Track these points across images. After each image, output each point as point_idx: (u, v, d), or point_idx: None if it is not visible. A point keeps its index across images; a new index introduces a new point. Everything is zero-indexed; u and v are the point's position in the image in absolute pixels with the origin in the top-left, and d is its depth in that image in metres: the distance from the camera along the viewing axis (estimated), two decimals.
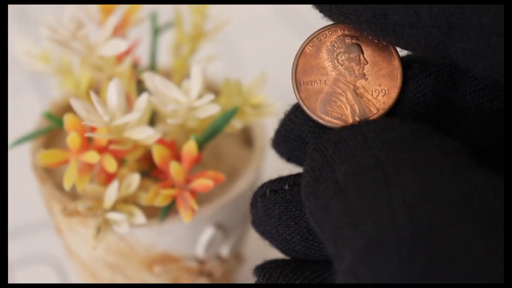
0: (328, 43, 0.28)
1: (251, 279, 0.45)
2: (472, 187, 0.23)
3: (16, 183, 0.50)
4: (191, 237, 0.37)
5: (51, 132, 0.41)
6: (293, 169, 0.30)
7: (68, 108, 0.38)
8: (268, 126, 0.42)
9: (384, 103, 0.28)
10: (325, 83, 0.28)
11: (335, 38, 0.28)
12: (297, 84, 0.29)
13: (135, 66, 0.39)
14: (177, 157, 0.36)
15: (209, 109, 0.35)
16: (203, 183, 0.34)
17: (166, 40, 0.44)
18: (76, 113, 0.33)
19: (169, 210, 0.36)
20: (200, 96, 0.35)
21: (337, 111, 0.28)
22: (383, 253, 0.22)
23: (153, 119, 0.38)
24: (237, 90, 0.38)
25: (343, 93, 0.28)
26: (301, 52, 0.29)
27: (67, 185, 0.34)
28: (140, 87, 0.37)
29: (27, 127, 0.43)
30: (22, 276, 0.46)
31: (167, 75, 0.41)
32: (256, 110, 0.38)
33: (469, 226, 0.22)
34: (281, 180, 0.29)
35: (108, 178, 0.35)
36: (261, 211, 0.29)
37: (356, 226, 0.23)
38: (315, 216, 0.25)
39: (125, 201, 0.36)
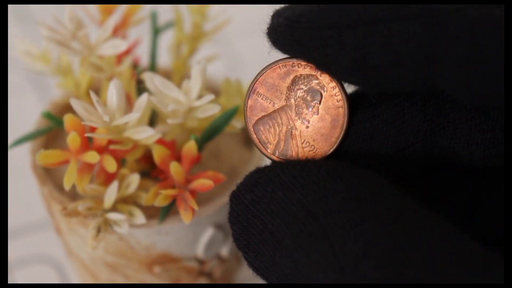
0: (298, 74, 0.28)
1: (251, 279, 0.45)
2: (409, 235, 0.24)
3: (16, 183, 0.50)
4: (191, 237, 0.37)
5: (51, 132, 0.41)
6: None
7: (68, 108, 0.38)
8: None
9: (306, 157, 0.28)
10: (273, 105, 0.29)
11: (306, 73, 0.28)
12: (252, 91, 0.29)
13: (135, 66, 0.39)
14: (177, 157, 0.35)
15: (209, 109, 0.35)
16: (203, 183, 0.34)
17: (166, 40, 0.44)
18: (76, 113, 0.33)
19: (169, 210, 0.36)
20: (200, 96, 0.35)
21: (266, 135, 0.29)
22: None
23: (153, 119, 0.38)
24: (237, 90, 0.38)
25: (281, 124, 0.28)
26: (272, 66, 0.29)
27: (67, 185, 0.34)
28: (140, 87, 0.37)
29: (27, 127, 0.43)
30: (22, 276, 0.46)
31: (167, 75, 0.41)
32: None
33: (410, 275, 0.23)
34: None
35: (108, 178, 0.35)
36: None
37: (308, 283, 0.24)
38: (259, 270, 0.26)
39: (125, 201, 0.36)
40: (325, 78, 0.28)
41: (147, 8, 0.44)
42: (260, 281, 0.45)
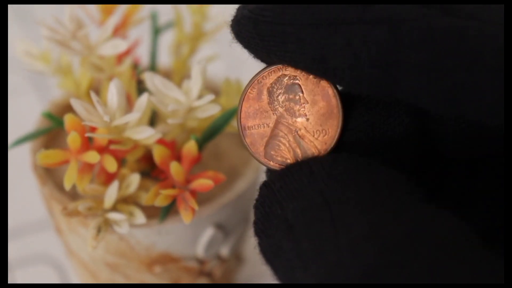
0: (269, 85, 0.28)
1: (251, 279, 0.45)
2: (417, 225, 0.23)
3: (16, 183, 0.50)
4: (191, 237, 0.37)
5: (51, 132, 0.41)
6: None
7: (68, 108, 0.38)
8: None
9: (325, 143, 0.28)
10: (268, 126, 0.28)
11: (275, 79, 0.28)
12: (243, 129, 0.28)
13: (135, 66, 0.39)
14: (177, 157, 0.36)
15: (209, 109, 0.35)
16: (203, 183, 0.34)
17: (166, 40, 0.44)
18: (76, 113, 0.33)
19: (169, 210, 0.36)
20: (200, 96, 0.35)
21: (280, 155, 0.28)
22: None
23: (153, 119, 0.38)
24: (237, 90, 0.38)
25: (285, 136, 0.28)
26: (244, 97, 0.28)
27: (67, 185, 0.34)
28: (140, 87, 0.37)
29: (27, 127, 0.43)
30: (22, 276, 0.46)
31: (167, 75, 0.41)
32: None
33: (413, 265, 0.22)
34: None
35: (108, 178, 0.35)
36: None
37: (306, 268, 0.24)
38: (266, 254, 0.26)
39: (125, 201, 0.36)
40: (291, 69, 0.27)
41: (147, 8, 0.44)
42: (260, 280, 0.45)
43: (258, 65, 0.28)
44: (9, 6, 0.63)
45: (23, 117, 0.50)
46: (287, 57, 0.26)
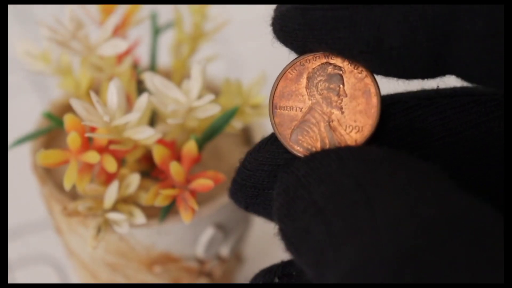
0: (310, 70, 0.27)
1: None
2: (455, 208, 0.23)
3: (16, 183, 0.50)
4: (191, 237, 0.37)
5: (51, 132, 0.41)
6: None
7: (68, 108, 0.38)
8: (268, 126, 0.42)
9: (356, 140, 0.27)
10: (301, 110, 0.28)
11: (318, 65, 0.27)
12: (273, 108, 0.28)
13: (135, 66, 0.39)
14: (177, 157, 0.36)
15: (209, 109, 0.35)
16: (203, 183, 0.34)
17: (166, 40, 0.44)
18: (76, 113, 0.33)
19: (169, 210, 0.36)
20: (200, 96, 0.35)
21: (307, 141, 0.27)
22: (368, 274, 0.22)
23: (153, 119, 0.39)
24: (237, 90, 0.38)
25: (316, 124, 0.27)
26: (282, 76, 0.28)
27: (67, 185, 0.34)
28: (140, 87, 0.37)
29: (27, 127, 0.43)
30: (22, 276, 0.46)
31: (167, 75, 0.41)
32: (256, 110, 0.38)
33: (453, 247, 0.22)
34: (271, 272, 0.27)
35: (108, 178, 0.35)
36: None
37: (338, 248, 0.23)
38: (291, 238, 0.25)
39: (125, 201, 0.36)
40: (337, 59, 0.27)
41: (147, 8, 0.44)
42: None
43: (258, 65, 0.27)
44: (9, 6, 0.63)
45: (23, 117, 0.50)
46: (340, 43, 0.25)
